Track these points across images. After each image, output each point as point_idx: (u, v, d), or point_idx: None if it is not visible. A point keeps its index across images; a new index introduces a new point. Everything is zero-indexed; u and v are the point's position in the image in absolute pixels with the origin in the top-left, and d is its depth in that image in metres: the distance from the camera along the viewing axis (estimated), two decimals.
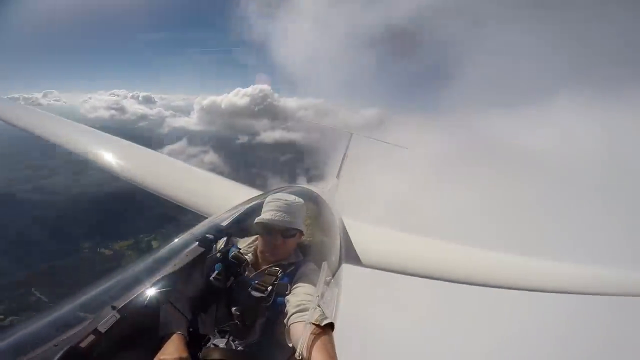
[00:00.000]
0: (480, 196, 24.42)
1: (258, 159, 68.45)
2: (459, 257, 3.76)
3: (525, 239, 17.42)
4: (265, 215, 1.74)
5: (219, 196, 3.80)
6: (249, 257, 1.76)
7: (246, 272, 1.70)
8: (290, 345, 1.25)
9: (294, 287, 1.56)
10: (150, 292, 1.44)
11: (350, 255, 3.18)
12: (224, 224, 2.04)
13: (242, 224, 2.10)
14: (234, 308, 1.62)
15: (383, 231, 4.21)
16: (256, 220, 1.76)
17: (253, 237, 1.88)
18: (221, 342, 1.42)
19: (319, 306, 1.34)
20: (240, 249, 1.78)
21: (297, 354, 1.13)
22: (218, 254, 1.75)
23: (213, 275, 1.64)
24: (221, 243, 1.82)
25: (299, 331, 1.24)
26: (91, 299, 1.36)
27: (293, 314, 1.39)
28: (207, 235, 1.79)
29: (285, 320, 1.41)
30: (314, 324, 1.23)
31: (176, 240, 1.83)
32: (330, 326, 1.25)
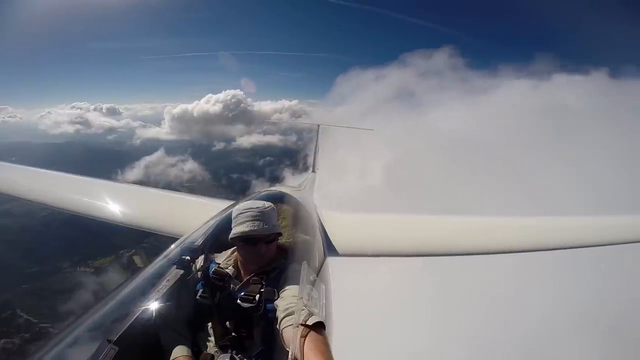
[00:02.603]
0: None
1: (237, 165, 68.01)
2: (434, 229, 3.75)
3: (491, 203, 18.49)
4: (242, 227, 1.69)
5: (186, 215, 3.70)
6: (230, 270, 1.74)
7: (231, 285, 1.69)
8: (288, 349, 1.24)
9: (281, 291, 1.57)
10: (143, 320, 1.42)
11: (328, 247, 3.12)
12: (198, 242, 2.03)
13: (215, 239, 2.09)
14: (228, 322, 1.62)
15: (355, 217, 4.12)
16: (232, 235, 1.72)
17: (231, 250, 1.86)
18: (225, 358, 1.45)
19: (305, 307, 1.34)
20: (219, 264, 1.77)
21: (289, 358, 1.16)
22: (198, 273, 1.74)
23: (199, 295, 1.66)
24: (199, 261, 1.81)
25: (290, 335, 1.26)
26: (82, 333, 1.32)
27: (283, 318, 1.40)
28: (183, 257, 1.78)
29: (277, 326, 1.42)
30: (302, 325, 1.24)
31: (153, 265, 1.80)
32: (321, 325, 1.25)
